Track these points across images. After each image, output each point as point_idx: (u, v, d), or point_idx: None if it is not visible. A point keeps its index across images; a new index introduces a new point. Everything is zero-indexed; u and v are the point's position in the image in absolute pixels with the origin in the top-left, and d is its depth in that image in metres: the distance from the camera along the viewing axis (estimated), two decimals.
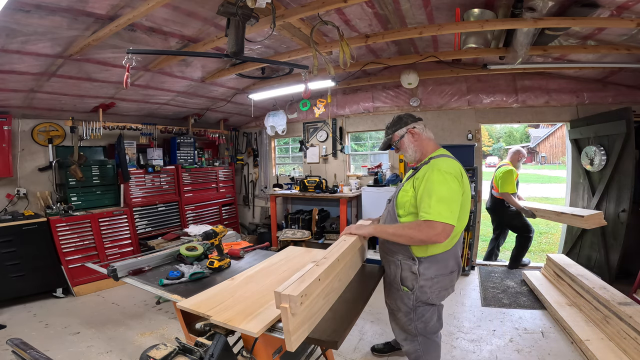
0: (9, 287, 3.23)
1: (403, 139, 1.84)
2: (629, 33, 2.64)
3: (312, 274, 1.23)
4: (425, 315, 1.85)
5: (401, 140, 1.85)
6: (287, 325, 1.07)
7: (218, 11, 1.93)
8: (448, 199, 1.56)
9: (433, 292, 1.77)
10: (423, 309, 1.83)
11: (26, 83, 3.04)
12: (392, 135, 1.87)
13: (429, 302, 1.80)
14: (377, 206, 4.23)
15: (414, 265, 1.73)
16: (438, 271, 1.74)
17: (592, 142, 3.60)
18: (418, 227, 1.56)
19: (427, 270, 1.73)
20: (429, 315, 1.86)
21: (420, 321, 1.85)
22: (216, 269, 1.90)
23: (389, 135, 1.89)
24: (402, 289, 1.79)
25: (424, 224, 1.54)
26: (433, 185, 1.58)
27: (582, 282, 2.81)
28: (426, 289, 1.75)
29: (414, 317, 1.84)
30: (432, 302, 1.81)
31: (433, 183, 1.58)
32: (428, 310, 1.84)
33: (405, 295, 1.80)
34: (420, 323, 1.85)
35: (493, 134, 34.35)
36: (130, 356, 2.45)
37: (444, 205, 1.53)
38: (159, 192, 4.60)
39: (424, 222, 1.54)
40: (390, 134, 1.88)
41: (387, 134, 1.91)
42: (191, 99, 4.42)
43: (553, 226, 7.17)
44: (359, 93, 4.88)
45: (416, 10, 2.66)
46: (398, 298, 1.85)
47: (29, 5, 2.03)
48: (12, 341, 1.17)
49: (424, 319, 1.85)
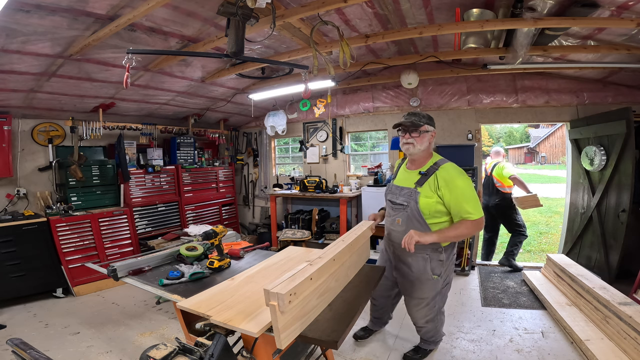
0: (9, 287, 3.23)
1: (427, 134, 2.03)
2: (629, 33, 2.64)
3: (303, 273, 1.24)
4: (447, 293, 2.24)
5: (425, 133, 2.02)
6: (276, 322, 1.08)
7: (218, 11, 1.93)
8: (475, 196, 1.91)
9: (451, 271, 2.20)
10: (446, 288, 2.21)
11: (26, 83, 3.04)
12: (424, 125, 2.02)
13: (449, 280, 2.21)
14: (377, 206, 4.23)
15: (441, 254, 2.05)
16: (452, 252, 2.14)
17: (592, 142, 3.60)
18: (472, 226, 1.88)
19: (449, 255, 2.10)
20: (447, 291, 2.24)
21: (442, 300, 2.23)
22: (216, 269, 1.90)
23: (422, 123, 2.01)
24: (433, 277, 2.07)
25: (473, 223, 1.87)
26: (464, 190, 1.88)
27: (582, 282, 2.81)
28: (449, 271, 2.17)
29: (438, 299, 2.18)
30: (451, 279, 2.23)
31: (463, 189, 1.88)
32: (449, 288, 2.24)
33: (436, 282, 2.09)
34: (441, 301, 2.24)
35: (493, 134, 34.35)
36: (130, 356, 2.45)
37: (477, 203, 1.90)
38: (159, 192, 4.60)
39: (472, 222, 1.86)
40: (423, 123, 2.01)
41: (420, 121, 2.01)
42: (191, 99, 4.42)
43: (553, 226, 7.19)
44: (359, 93, 4.88)
45: (416, 10, 2.66)
46: (428, 288, 2.11)
47: (29, 5, 2.03)
48: (12, 341, 1.17)
49: (445, 297, 2.25)
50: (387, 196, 2.20)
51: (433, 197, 1.91)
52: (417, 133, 2.00)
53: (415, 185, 2.00)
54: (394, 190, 2.13)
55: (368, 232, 2.07)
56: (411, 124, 2.01)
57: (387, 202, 2.20)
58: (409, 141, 2.02)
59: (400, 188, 2.08)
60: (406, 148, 2.05)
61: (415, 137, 2.00)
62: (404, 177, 2.13)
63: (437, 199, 1.91)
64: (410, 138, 2.01)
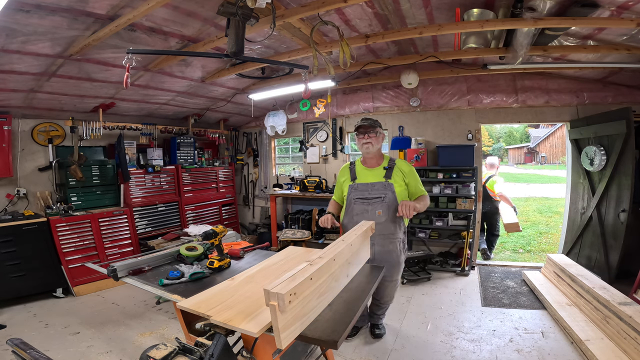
0: (9, 287, 3.23)
1: (380, 135, 2.39)
2: (629, 33, 2.64)
3: (303, 273, 1.23)
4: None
5: (380, 134, 2.37)
6: (276, 322, 1.08)
7: (218, 11, 1.93)
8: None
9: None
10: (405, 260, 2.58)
11: (26, 83, 3.05)
12: (378, 127, 2.36)
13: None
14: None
15: (404, 235, 2.44)
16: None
17: (592, 142, 3.60)
18: (427, 198, 2.34)
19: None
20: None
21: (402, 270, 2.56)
22: (216, 269, 1.90)
23: (377, 125, 2.36)
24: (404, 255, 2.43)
25: (427, 196, 2.36)
26: (416, 176, 2.40)
27: (582, 282, 2.82)
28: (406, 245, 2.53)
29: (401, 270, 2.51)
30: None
31: (416, 175, 2.40)
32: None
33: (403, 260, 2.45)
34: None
35: (493, 134, 34.38)
36: (130, 356, 2.45)
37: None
38: (159, 192, 4.60)
39: (427, 196, 2.36)
40: (377, 125, 2.37)
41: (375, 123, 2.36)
42: (191, 99, 4.42)
43: (553, 226, 7.18)
44: (359, 93, 4.88)
45: (416, 10, 2.66)
46: (400, 267, 2.45)
47: (29, 5, 2.03)
48: (12, 341, 1.17)
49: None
50: (355, 194, 2.35)
51: (402, 185, 2.31)
52: (374, 133, 2.32)
53: (385, 178, 2.31)
54: (363, 188, 2.35)
55: (368, 231, 2.07)
56: (370, 125, 2.30)
57: (356, 200, 2.35)
58: (369, 141, 2.31)
59: (371, 184, 2.33)
60: (366, 147, 2.34)
61: (372, 137, 2.32)
62: (368, 175, 2.37)
63: (404, 186, 2.33)
64: (369, 138, 2.32)
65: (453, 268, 4.11)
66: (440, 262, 4.18)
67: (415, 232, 4.35)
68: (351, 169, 2.47)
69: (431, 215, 4.30)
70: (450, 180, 4.16)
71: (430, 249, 4.45)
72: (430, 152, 4.44)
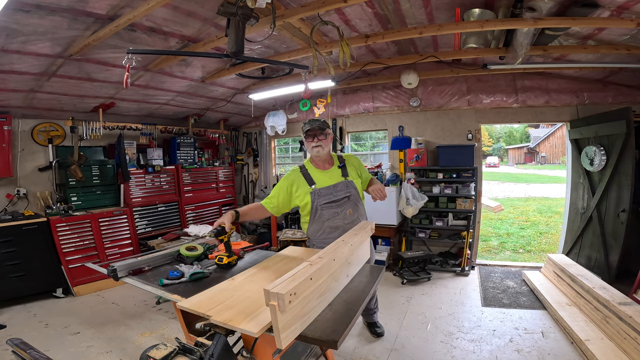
0: (9, 287, 3.23)
1: (329, 136, 2.32)
2: (629, 33, 2.64)
3: (303, 273, 1.23)
4: None
5: (329, 136, 2.32)
6: (276, 322, 1.08)
7: (218, 11, 1.93)
8: None
9: None
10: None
11: (26, 83, 3.05)
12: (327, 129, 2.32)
13: None
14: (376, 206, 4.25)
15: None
16: None
17: (592, 142, 3.60)
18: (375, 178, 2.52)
19: None
20: None
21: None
22: (225, 265, 1.91)
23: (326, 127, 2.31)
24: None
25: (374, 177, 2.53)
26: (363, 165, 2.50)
27: (582, 282, 2.82)
28: None
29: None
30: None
31: (362, 163, 2.50)
32: None
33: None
34: None
35: (493, 134, 34.38)
36: (130, 356, 2.45)
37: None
38: (159, 192, 4.60)
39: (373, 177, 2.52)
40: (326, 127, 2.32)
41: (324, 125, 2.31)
42: (191, 99, 4.42)
43: (553, 226, 7.18)
44: (359, 93, 4.88)
45: (416, 10, 2.67)
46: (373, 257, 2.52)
47: (29, 5, 2.03)
48: (12, 341, 1.17)
49: None
50: (320, 200, 2.24)
51: (358, 178, 2.37)
52: (324, 136, 2.26)
53: (343, 177, 2.30)
54: (327, 192, 2.25)
55: (369, 231, 2.07)
56: (319, 128, 2.25)
57: (323, 206, 2.24)
58: (319, 144, 2.24)
59: (333, 186, 2.27)
60: (317, 150, 2.26)
61: (322, 139, 2.25)
62: (326, 177, 2.30)
63: (359, 179, 2.39)
64: (319, 141, 2.24)
65: (453, 268, 4.11)
66: (440, 262, 4.19)
67: (415, 232, 4.35)
68: (304, 174, 2.29)
69: (431, 215, 4.30)
70: (450, 180, 4.16)
71: (430, 249, 4.45)
72: (430, 152, 4.44)
